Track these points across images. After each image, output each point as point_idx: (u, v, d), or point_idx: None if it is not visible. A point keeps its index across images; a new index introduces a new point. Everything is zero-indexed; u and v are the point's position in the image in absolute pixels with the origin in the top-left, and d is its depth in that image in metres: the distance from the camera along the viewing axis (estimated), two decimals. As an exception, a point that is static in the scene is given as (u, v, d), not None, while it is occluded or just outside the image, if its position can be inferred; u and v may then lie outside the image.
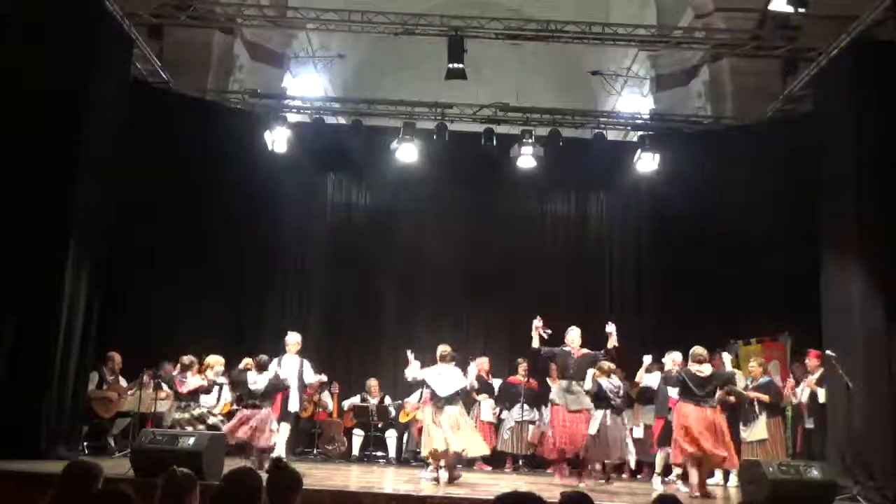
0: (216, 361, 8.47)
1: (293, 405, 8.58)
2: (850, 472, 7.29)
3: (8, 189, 7.48)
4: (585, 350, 8.23)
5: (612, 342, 8.05)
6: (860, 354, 7.52)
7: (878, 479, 7.12)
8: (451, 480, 7.31)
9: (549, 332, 8.11)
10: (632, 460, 8.01)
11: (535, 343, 8.15)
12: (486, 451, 8.17)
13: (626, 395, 8.36)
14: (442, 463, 7.43)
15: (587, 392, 7.91)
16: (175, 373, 8.35)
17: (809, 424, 8.31)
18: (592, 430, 7.71)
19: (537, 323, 8.11)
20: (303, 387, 8.87)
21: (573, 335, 8.30)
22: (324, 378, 9.09)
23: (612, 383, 7.81)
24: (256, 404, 7.79)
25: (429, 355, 8.14)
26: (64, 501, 3.30)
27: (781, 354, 8.95)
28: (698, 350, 7.59)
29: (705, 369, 7.47)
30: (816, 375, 8.27)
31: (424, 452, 7.80)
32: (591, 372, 7.91)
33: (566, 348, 8.25)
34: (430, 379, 7.62)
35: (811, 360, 8.40)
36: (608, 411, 7.72)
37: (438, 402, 7.52)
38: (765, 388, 8.55)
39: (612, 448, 7.66)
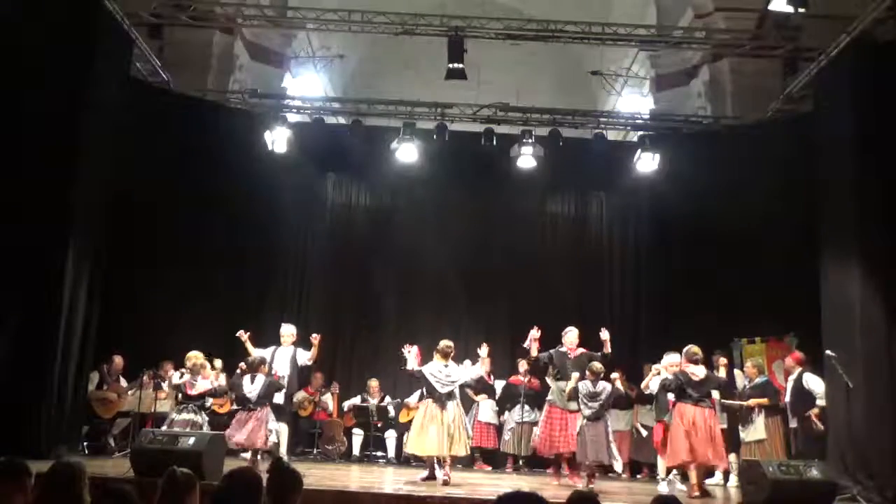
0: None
1: (279, 397, 8.53)
2: (850, 472, 7.29)
3: (8, 188, 7.48)
4: (583, 350, 8.22)
5: (607, 348, 8.01)
6: (860, 354, 7.51)
7: (878, 479, 7.12)
8: (444, 482, 7.29)
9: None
10: (616, 464, 7.90)
11: (534, 352, 8.17)
12: (465, 453, 7.90)
13: (619, 398, 8.25)
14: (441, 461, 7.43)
15: (566, 394, 7.85)
16: (181, 377, 8.11)
17: (793, 423, 8.32)
18: (574, 429, 7.72)
19: (535, 333, 8.10)
20: (297, 372, 8.81)
21: (571, 336, 8.28)
22: (317, 336, 8.74)
23: (589, 388, 7.62)
24: (251, 407, 7.75)
25: (429, 355, 8.12)
26: (47, 502, 3.29)
27: (786, 354, 8.94)
28: (693, 349, 7.56)
29: (699, 371, 7.47)
30: (794, 376, 8.29)
31: (411, 450, 7.75)
32: (575, 375, 7.87)
33: (562, 349, 8.24)
34: (430, 375, 7.57)
35: (789, 361, 8.45)
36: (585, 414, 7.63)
37: (440, 399, 7.48)
38: (761, 388, 8.58)
39: (589, 450, 7.50)
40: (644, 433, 9.60)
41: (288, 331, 8.86)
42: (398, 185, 11.44)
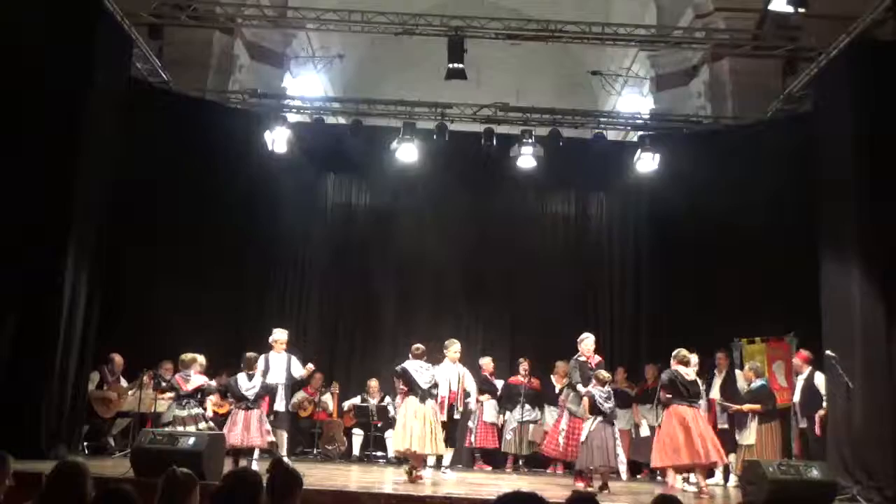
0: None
1: (279, 404, 8.55)
2: (850, 472, 7.30)
3: (8, 189, 7.47)
4: (600, 358, 8.19)
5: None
6: (860, 354, 7.52)
7: (878, 479, 7.12)
8: (414, 479, 7.34)
9: None
10: (622, 469, 7.90)
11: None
12: (443, 452, 7.98)
13: (621, 396, 8.24)
14: (432, 461, 7.45)
15: (585, 408, 7.76)
16: (175, 373, 8.22)
17: (803, 424, 8.32)
18: (582, 437, 7.67)
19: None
20: (292, 384, 8.84)
21: (588, 343, 8.16)
22: (311, 367, 9.12)
23: (601, 392, 7.61)
24: (249, 406, 7.78)
25: (430, 355, 8.13)
26: (52, 502, 3.28)
27: (786, 354, 8.95)
28: (683, 352, 7.67)
29: (690, 373, 7.56)
30: (804, 375, 8.29)
31: (398, 446, 7.71)
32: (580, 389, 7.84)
33: (581, 358, 8.11)
34: (413, 372, 7.63)
35: (797, 361, 8.45)
36: (599, 420, 7.55)
37: (422, 396, 7.54)
38: (757, 392, 8.54)
39: (596, 456, 7.46)
40: (644, 432, 9.60)
41: (280, 336, 8.83)
42: (398, 185, 11.44)
